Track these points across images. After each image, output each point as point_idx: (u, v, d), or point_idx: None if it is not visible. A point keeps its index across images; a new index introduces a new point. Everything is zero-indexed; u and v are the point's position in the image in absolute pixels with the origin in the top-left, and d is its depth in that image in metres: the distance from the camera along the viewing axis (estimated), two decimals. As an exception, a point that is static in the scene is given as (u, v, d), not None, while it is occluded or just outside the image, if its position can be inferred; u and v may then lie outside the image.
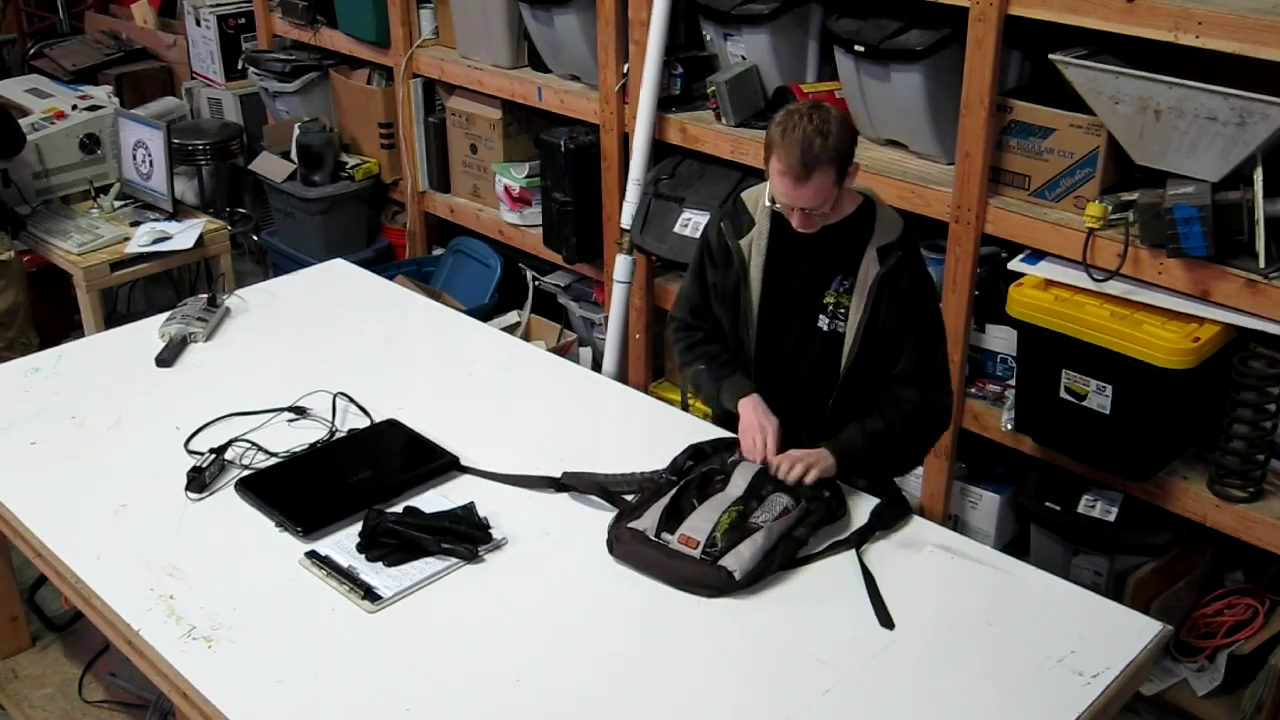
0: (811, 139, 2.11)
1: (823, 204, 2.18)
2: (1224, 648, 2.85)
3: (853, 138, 2.21)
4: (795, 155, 2.12)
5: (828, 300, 2.32)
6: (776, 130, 2.17)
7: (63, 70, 5.34)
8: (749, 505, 2.15)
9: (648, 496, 2.20)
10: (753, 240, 2.35)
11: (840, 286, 2.31)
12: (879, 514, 2.22)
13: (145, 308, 4.56)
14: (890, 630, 1.97)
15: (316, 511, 2.22)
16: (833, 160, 2.13)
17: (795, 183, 2.15)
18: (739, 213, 2.38)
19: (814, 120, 2.13)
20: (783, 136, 2.15)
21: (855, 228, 2.30)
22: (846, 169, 2.18)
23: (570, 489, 2.28)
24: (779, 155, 2.15)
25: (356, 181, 4.53)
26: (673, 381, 3.86)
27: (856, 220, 2.30)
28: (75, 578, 2.11)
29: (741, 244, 2.35)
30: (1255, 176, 2.41)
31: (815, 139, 2.11)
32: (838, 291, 2.31)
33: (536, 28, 3.78)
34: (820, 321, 2.33)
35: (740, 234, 2.36)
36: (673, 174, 3.50)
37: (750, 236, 2.35)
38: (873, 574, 2.08)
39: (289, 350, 2.87)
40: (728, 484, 2.20)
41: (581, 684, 1.85)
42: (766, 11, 3.19)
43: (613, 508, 2.22)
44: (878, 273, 2.26)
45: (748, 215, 2.37)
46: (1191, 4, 2.38)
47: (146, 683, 2.16)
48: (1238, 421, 2.61)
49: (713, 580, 2.03)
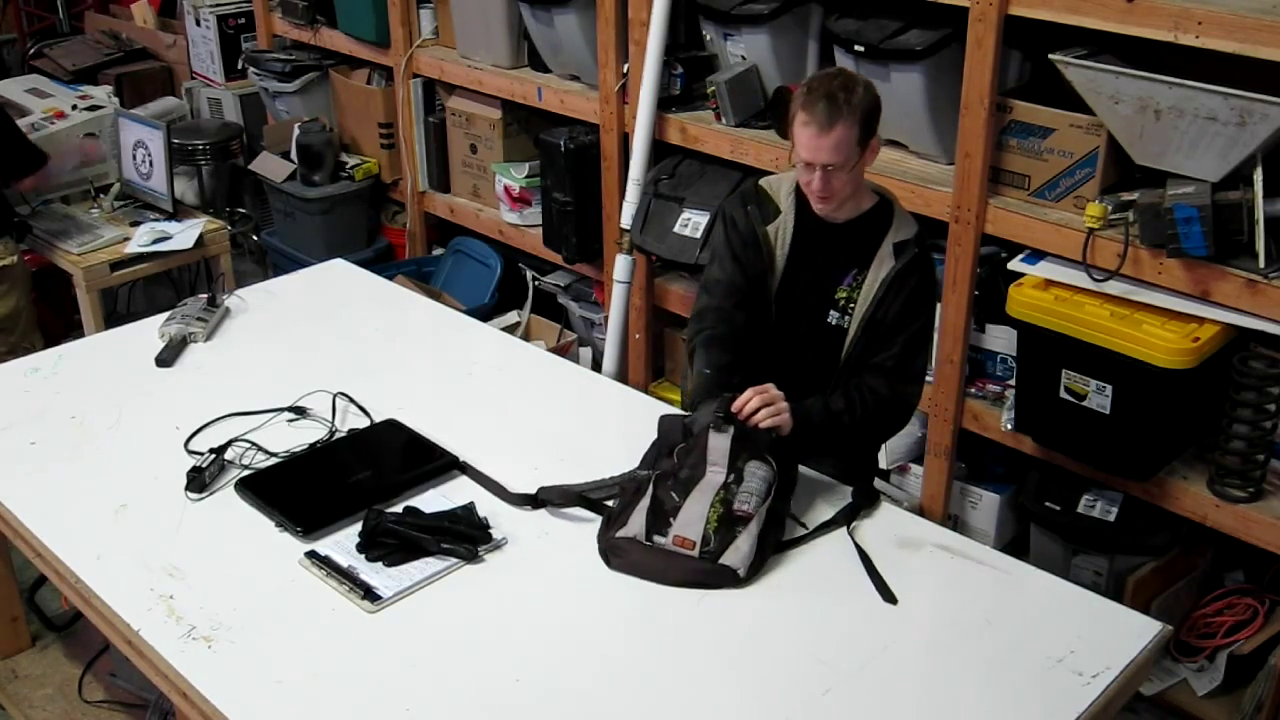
0: (836, 92, 2.16)
1: (844, 162, 2.19)
2: (1224, 648, 2.85)
3: (876, 104, 2.23)
4: (821, 104, 2.16)
5: (839, 295, 2.34)
6: (803, 89, 2.22)
7: (63, 70, 5.33)
8: (730, 490, 2.11)
9: (628, 498, 2.17)
10: (779, 228, 2.35)
11: (853, 281, 2.32)
12: (863, 492, 2.25)
13: (145, 308, 4.56)
14: (894, 605, 1.99)
15: (316, 511, 2.22)
16: (856, 116, 2.16)
17: (819, 132, 2.16)
18: (763, 200, 2.38)
19: (839, 78, 2.22)
20: (809, 92, 2.19)
21: (873, 223, 2.32)
22: (869, 133, 2.20)
23: (547, 504, 2.23)
24: (804, 107, 2.18)
25: (356, 181, 4.53)
26: (673, 381, 3.86)
27: (874, 216, 2.32)
28: (75, 578, 2.11)
29: (770, 230, 2.35)
30: (1255, 176, 2.41)
31: (839, 92, 2.16)
32: (850, 286, 2.33)
33: (536, 28, 3.78)
34: (830, 316, 2.35)
35: (767, 220, 2.35)
36: (673, 174, 3.51)
37: (777, 224, 2.35)
38: (867, 552, 2.10)
39: (289, 350, 2.87)
40: (705, 467, 2.15)
41: (581, 684, 1.85)
42: (766, 11, 3.19)
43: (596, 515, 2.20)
44: (892, 267, 2.28)
45: (772, 203, 2.37)
46: (1191, 4, 2.38)
47: (146, 683, 2.16)
48: (1238, 421, 2.61)
49: (716, 581, 2.04)
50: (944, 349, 3.01)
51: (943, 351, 3.02)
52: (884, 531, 2.20)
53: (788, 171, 2.42)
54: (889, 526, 2.22)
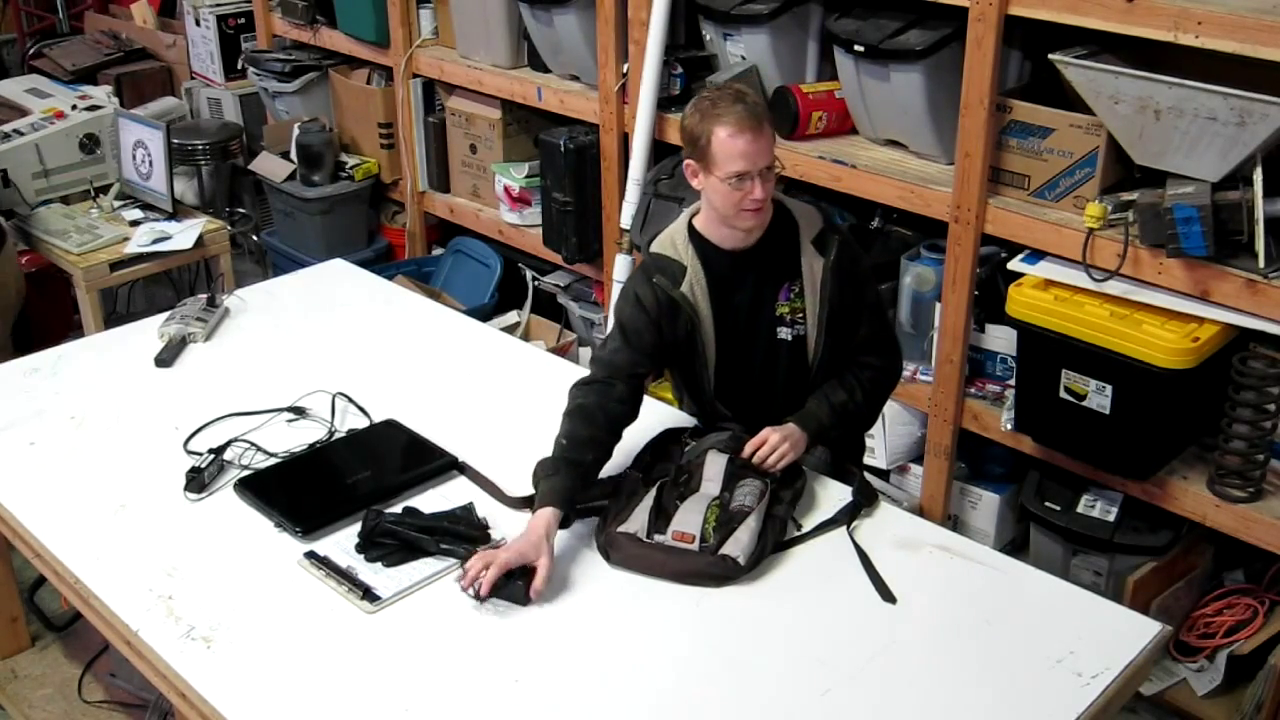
0: (742, 95, 2.14)
1: (773, 162, 2.15)
2: (1224, 648, 2.84)
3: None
4: (738, 108, 2.11)
5: (781, 311, 2.30)
6: (705, 106, 2.15)
7: (62, 70, 5.33)
8: (724, 498, 2.15)
9: (625, 498, 2.18)
10: (691, 283, 2.27)
11: (790, 293, 2.29)
12: (861, 490, 2.25)
13: (145, 308, 4.56)
14: (893, 604, 1.99)
15: (315, 512, 2.22)
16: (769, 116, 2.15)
17: (754, 136, 2.11)
18: (665, 264, 2.29)
19: (727, 87, 2.19)
20: (713, 107, 2.13)
21: (780, 230, 2.27)
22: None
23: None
24: (724, 122, 2.11)
25: (356, 181, 4.53)
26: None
27: (777, 223, 2.27)
28: (75, 578, 2.11)
29: (683, 290, 2.27)
30: (1255, 176, 2.41)
31: (746, 94, 2.14)
32: (789, 299, 2.29)
33: (536, 28, 3.78)
34: (781, 333, 2.31)
35: (677, 283, 2.27)
36: (672, 174, 3.50)
37: (688, 279, 2.27)
38: (865, 551, 2.10)
39: (288, 350, 2.87)
40: (701, 481, 2.19)
41: (581, 684, 1.85)
42: (766, 11, 3.18)
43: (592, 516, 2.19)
44: (824, 264, 2.26)
45: (675, 263, 2.29)
46: (1191, 4, 2.38)
47: (146, 683, 2.16)
48: (1237, 421, 2.61)
49: (718, 570, 2.03)
50: (944, 349, 3.01)
51: (943, 351, 3.02)
52: (884, 532, 2.20)
53: (671, 225, 2.34)
54: (888, 526, 2.22)
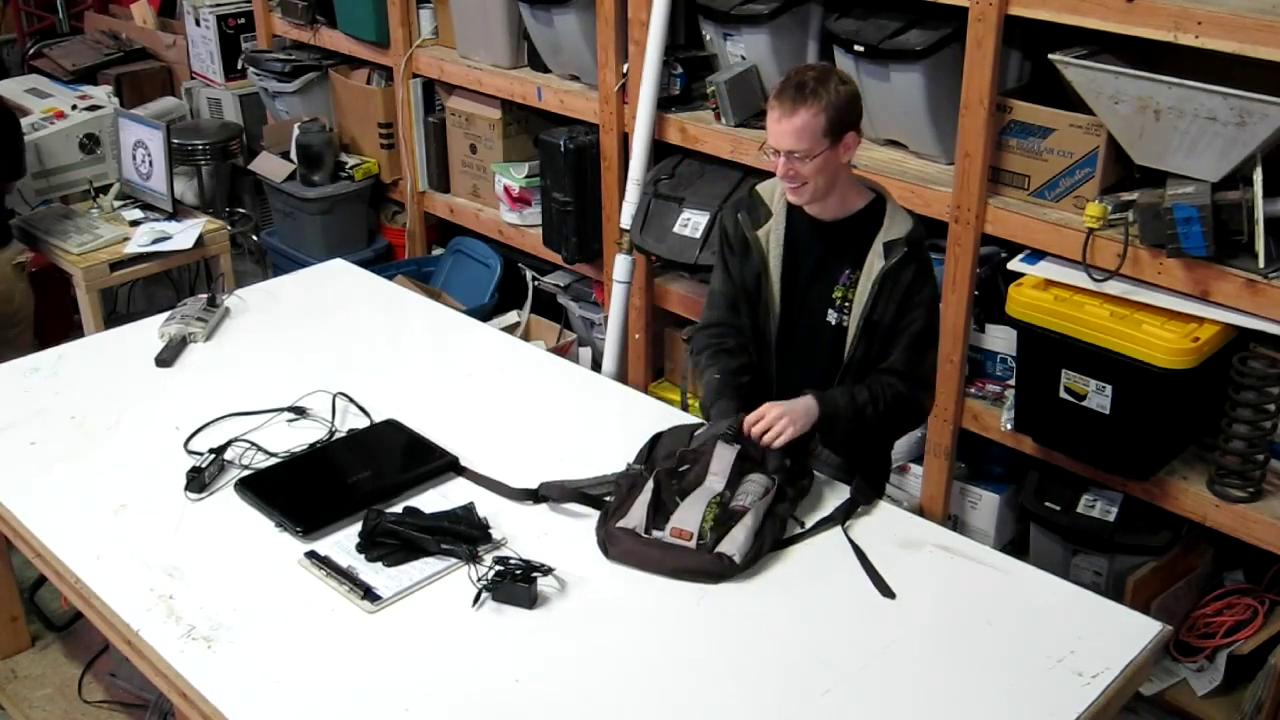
0: (806, 81, 2.17)
1: (808, 150, 2.16)
2: (1224, 648, 2.85)
3: (852, 100, 2.21)
4: (789, 91, 2.17)
5: (835, 294, 2.34)
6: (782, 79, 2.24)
7: (62, 70, 5.33)
8: (725, 496, 2.15)
9: (625, 493, 2.19)
10: (770, 232, 2.36)
11: (848, 280, 2.33)
12: (859, 489, 2.26)
13: (145, 308, 4.56)
14: (892, 600, 2.00)
15: (316, 512, 2.22)
16: (823, 105, 2.15)
17: (780, 116, 2.17)
18: (755, 204, 2.40)
19: (816, 70, 2.22)
20: (783, 80, 2.21)
21: (864, 222, 2.31)
22: (840, 127, 2.18)
23: (548, 499, 2.25)
24: (774, 94, 2.20)
25: (356, 181, 4.53)
26: (672, 381, 3.86)
27: (866, 215, 2.32)
28: (75, 578, 2.11)
29: (760, 234, 2.37)
30: (1255, 176, 2.41)
31: (810, 81, 2.17)
32: (845, 285, 2.33)
33: (536, 28, 3.78)
34: (829, 316, 2.35)
35: (757, 225, 2.37)
36: (672, 174, 3.51)
37: (768, 228, 2.37)
38: (862, 548, 2.11)
39: (288, 350, 2.87)
40: (705, 474, 2.19)
41: (581, 684, 1.85)
42: (766, 11, 3.19)
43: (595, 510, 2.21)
44: (882, 267, 2.28)
45: (764, 207, 2.39)
46: (1191, 4, 2.38)
47: (146, 683, 2.16)
48: (1237, 421, 2.61)
49: (714, 567, 2.05)
50: (944, 349, 3.00)
51: (943, 351, 3.01)
52: (884, 531, 2.20)
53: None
54: (888, 526, 2.22)
